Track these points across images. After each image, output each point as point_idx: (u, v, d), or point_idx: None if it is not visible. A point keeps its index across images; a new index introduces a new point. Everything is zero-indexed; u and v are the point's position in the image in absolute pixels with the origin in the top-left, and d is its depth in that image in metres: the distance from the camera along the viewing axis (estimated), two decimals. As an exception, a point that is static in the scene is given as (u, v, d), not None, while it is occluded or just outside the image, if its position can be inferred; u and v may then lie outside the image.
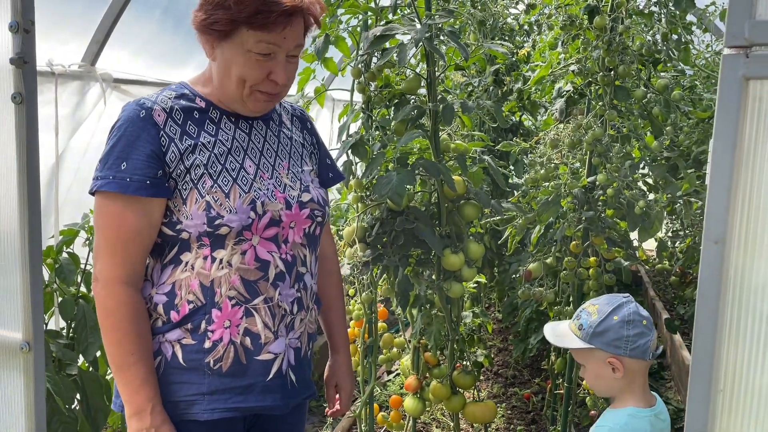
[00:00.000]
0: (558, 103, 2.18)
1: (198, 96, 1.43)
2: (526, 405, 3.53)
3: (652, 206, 1.98)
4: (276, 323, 1.42)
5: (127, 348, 1.32)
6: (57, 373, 2.26)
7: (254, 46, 1.33)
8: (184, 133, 1.37)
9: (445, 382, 2.23)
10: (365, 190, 2.14)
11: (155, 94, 1.42)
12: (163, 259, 1.40)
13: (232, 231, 1.35)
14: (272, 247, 1.41)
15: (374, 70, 2.04)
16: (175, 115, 1.38)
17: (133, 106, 1.36)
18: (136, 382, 1.32)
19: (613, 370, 1.48)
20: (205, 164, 1.36)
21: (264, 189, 1.41)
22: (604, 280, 2.22)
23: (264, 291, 1.39)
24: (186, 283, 1.37)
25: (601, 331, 1.48)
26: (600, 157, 2.04)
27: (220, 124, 1.43)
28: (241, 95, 1.39)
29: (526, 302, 3.32)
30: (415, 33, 1.79)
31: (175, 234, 1.37)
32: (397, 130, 2.04)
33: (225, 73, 1.38)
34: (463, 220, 2.12)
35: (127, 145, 1.32)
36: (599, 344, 1.48)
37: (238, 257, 1.37)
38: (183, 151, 1.35)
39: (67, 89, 2.43)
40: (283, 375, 1.44)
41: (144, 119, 1.34)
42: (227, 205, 1.35)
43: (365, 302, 2.28)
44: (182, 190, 1.35)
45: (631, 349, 1.46)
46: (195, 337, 1.37)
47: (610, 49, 1.93)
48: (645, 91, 2.01)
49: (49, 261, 2.33)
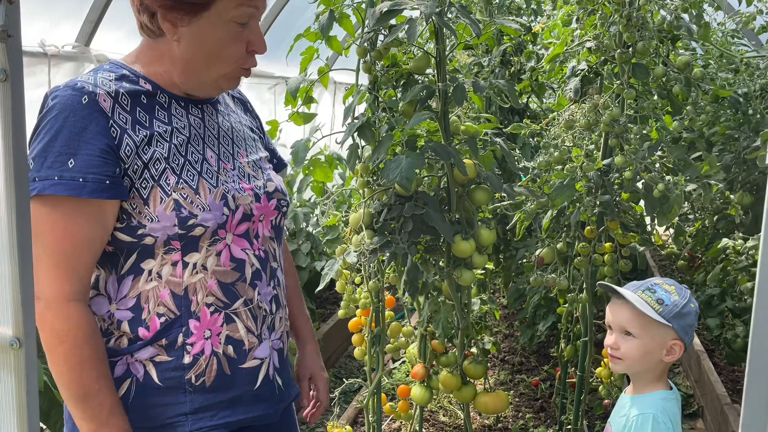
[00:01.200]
0: (572, 83, 2.09)
1: (141, 77, 1.25)
2: (534, 392, 3.48)
3: (672, 189, 1.90)
4: (259, 326, 1.30)
5: (89, 374, 1.15)
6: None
7: (236, 14, 1.17)
8: (136, 121, 1.20)
9: (456, 372, 2.16)
10: (372, 175, 2.06)
11: (90, 75, 1.22)
12: (119, 270, 1.23)
13: (207, 231, 1.21)
14: (245, 244, 1.28)
15: (381, 49, 1.95)
16: (122, 100, 1.20)
17: (68, 92, 1.16)
18: (103, 413, 1.16)
19: (667, 353, 1.46)
20: (165, 157, 1.20)
21: (231, 181, 1.27)
22: (620, 266, 2.15)
23: (243, 293, 1.27)
24: (154, 295, 1.22)
25: (684, 313, 1.45)
26: (617, 139, 1.96)
27: (170, 109, 1.26)
28: (215, 76, 1.23)
29: (533, 288, 3.25)
30: (425, 8, 1.69)
31: (135, 240, 1.20)
32: (406, 112, 1.95)
33: (197, 52, 1.21)
34: (474, 205, 2.05)
35: (71, 138, 1.12)
36: (676, 325, 1.44)
37: (213, 259, 1.23)
38: (138, 144, 1.18)
39: (61, 71, 2.34)
40: (270, 381, 1.33)
41: (88, 106, 1.15)
42: (199, 203, 1.21)
43: (372, 290, 2.21)
44: (141, 188, 1.18)
45: (689, 339, 1.46)
46: (171, 353, 1.22)
47: (630, 24, 1.84)
48: (665, 69, 1.92)
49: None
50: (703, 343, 3.72)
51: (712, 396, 3.19)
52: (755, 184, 3.37)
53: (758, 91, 2.80)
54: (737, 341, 2.87)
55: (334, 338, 3.89)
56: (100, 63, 2.47)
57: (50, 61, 2.26)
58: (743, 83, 2.73)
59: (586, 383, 2.46)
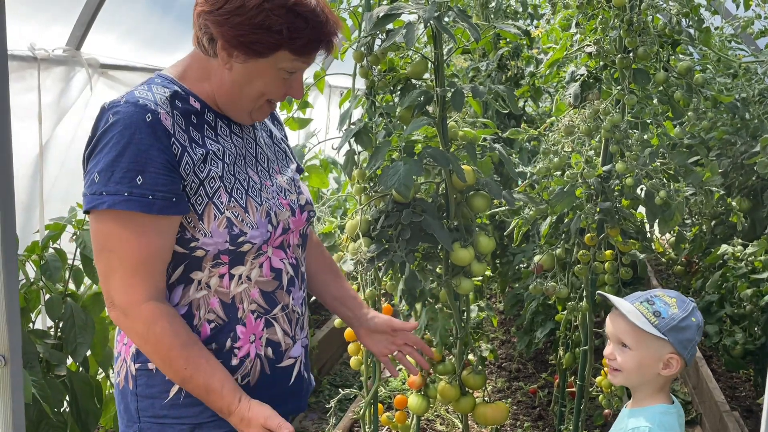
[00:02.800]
0: (572, 88, 2.06)
1: (191, 95, 1.29)
2: (531, 400, 3.44)
3: (673, 196, 1.87)
4: (293, 328, 1.40)
5: (177, 364, 1.23)
6: (45, 375, 2.16)
7: (288, 66, 1.26)
8: (192, 140, 1.25)
9: (454, 382, 2.12)
10: (369, 181, 2.03)
11: (143, 89, 1.24)
12: (169, 278, 1.28)
13: (254, 247, 1.28)
14: (282, 255, 1.37)
15: (378, 54, 1.92)
16: (178, 119, 1.24)
17: (131, 108, 1.18)
18: (201, 392, 1.24)
19: (664, 367, 1.41)
20: (220, 176, 1.26)
21: (272, 198, 1.35)
22: (621, 273, 2.12)
23: (281, 299, 1.36)
24: (204, 302, 1.29)
25: (683, 327, 1.40)
26: (618, 145, 1.93)
27: (216, 128, 1.32)
28: (252, 107, 1.31)
29: (531, 295, 3.22)
30: (424, 12, 1.66)
31: (187, 252, 1.26)
32: (403, 118, 1.92)
33: (244, 85, 1.27)
34: (473, 212, 2.01)
35: (138, 155, 1.16)
36: (673, 339, 1.39)
37: (256, 271, 1.31)
38: (196, 162, 1.23)
39: (51, 75, 2.30)
40: (301, 376, 1.43)
41: (152, 124, 1.18)
42: (248, 221, 1.27)
43: (369, 299, 2.17)
44: (196, 204, 1.24)
45: (690, 354, 1.41)
46: (220, 356, 1.29)
47: (631, 29, 1.81)
48: (666, 74, 1.89)
49: (34, 257, 2.21)
50: (701, 349, 3.70)
51: (711, 403, 3.16)
52: (752, 190, 3.36)
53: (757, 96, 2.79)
54: (736, 348, 2.84)
55: (329, 345, 3.86)
56: (92, 67, 2.43)
57: (40, 65, 2.22)
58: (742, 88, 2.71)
59: (586, 392, 2.43)
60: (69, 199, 2.35)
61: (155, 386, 1.29)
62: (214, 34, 1.23)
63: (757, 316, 2.75)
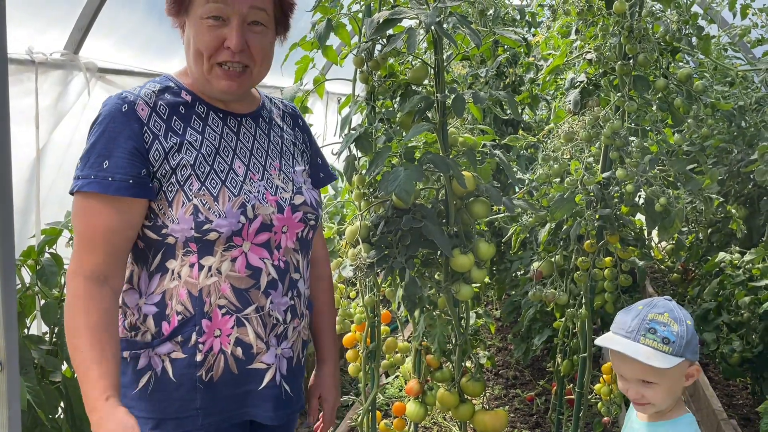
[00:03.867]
0: (572, 94, 2.06)
1: (183, 89, 1.36)
2: (529, 407, 3.43)
3: (673, 203, 1.87)
4: (267, 333, 1.36)
5: (78, 341, 1.23)
6: (39, 381, 2.14)
7: (203, 10, 1.28)
8: (170, 129, 1.30)
9: (453, 389, 2.11)
10: (369, 187, 2.02)
11: (139, 87, 1.34)
12: (149, 266, 1.32)
13: (222, 236, 1.28)
14: (264, 254, 1.34)
15: (378, 59, 1.91)
16: (160, 109, 1.30)
17: (114, 100, 1.29)
18: (80, 373, 1.22)
19: (687, 379, 1.39)
20: (192, 164, 1.29)
21: (255, 191, 1.34)
22: (620, 281, 2.11)
23: (255, 300, 1.33)
24: (175, 293, 1.30)
25: (689, 339, 1.37)
26: (618, 152, 1.93)
27: (207, 120, 1.35)
28: (203, 72, 1.32)
29: (528, 302, 3.21)
30: (426, 17, 1.66)
31: (161, 238, 1.29)
32: (403, 123, 1.92)
33: (187, 50, 1.33)
34: (473, 218, 2.01)
35: (108, 141, 1.25)
36: (689, 355, 1.36)
37: (228, 264, 1.30)
38: (168, 150, 1.28)
39: (49, 79, 2.28)
40: (276, 385, 1.38)
41: (126, 114, 1.27)
42: (216, 209, 1.28)
43: (368, 305, 2.16)
44: (167, 191, 1.28)
45: (698, 354, 1.41)
46: (185, 350, 1.30)
47: (631, 36, 1.82)
48: (666, 81, 1.90)
49: (30, 262, 2.20)
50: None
51: (708, 411, 3.15)
52: (749, 198, 3.37)
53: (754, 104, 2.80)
54: (733, 356, 2.84)
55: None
56: (89, 71, 2.42)
57: (37, 68, 2.21)
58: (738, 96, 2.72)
59: (585, 400, 2.42)
60: (65, 203, 2.33)
61: (127, 375, 1.32)
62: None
63: (754, 324, 2.75)
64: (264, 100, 1.52)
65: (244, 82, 1.35)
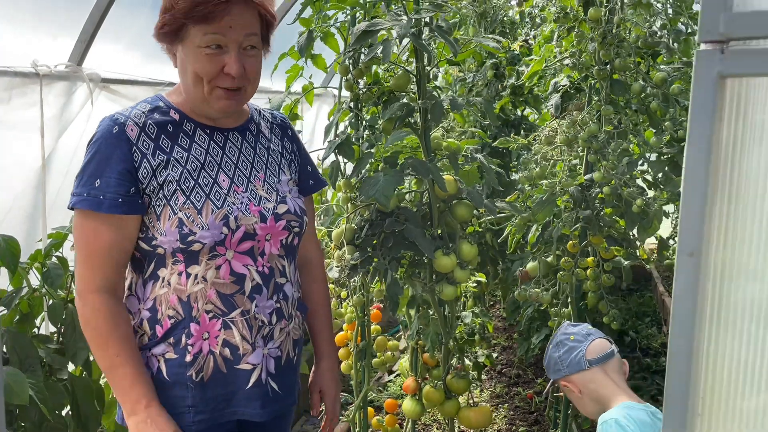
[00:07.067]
0: (553, 99, 2.10)
1: (172, 108, 1.44)
2: (529, 405, 3.47)
3: (651, 204, 1.90)
4: (253, 335, 1.43)
5: (111, 351, 1.33)
6: (47, 379, 2.24)
7: (202, 40, 1.33)
8: (157, 148, 1.38)
9: (439, 386, 2.17)
10: (354, 191, 2.08)
11: (130, 107, 1.42)
12: (144, 274, 1.42)
13: (205, 247, 1.36)
14: (248, 261, 1.42)
15: (361, 67, 1.98)
16: (149, 129, 1.38)
17: (107, 122, 1.37)
18: (125, 382, 1.34)
19: (574, 392, 1.56)
20: (177, 180, 1.37)
21: (238, 203, 1.41)
22: (602, 280, 2.15)
23: (240, 304, 1.41)
24: (165, 299, 1.39)
25: (546, 365, 1.62)
26: (596, 154, 1.97)
27: (194, 137, 1.43)
28: (202, 94, 1.38)
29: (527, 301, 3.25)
30: (400, 28, 1.72)
31: (152, 249, 1.38)
32: (386, 129, 1.98)
33: (183, 75, 1.39)
34: (456, 220, 2.06)
35: (100, 161, 1.33)
36: (551, 375, 1.59)
37: (212, 272, 1.38)
38: (155, 167, 1.36)
39: (53, 90, 2.39)
40: (263, 384, 1.45)
41: (117, 135, 1.35)
42: (199, 222, 1.35)
43: (357, 305, 2.23)
44: (156, 206, 1.36)
45: (566, 366, 1.54)
46: (177, 351, 1.39)
47: (605, 41, 1.86)
48: (643, 85, 1.93)
49: (37, 265, 2.30)
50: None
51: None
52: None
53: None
54: None
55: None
56: (93, 82, 2.53)
57: (42, 80, 2.32)
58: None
59: (574, 397, 2.45)
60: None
61: None
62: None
63: None
64: (253, 113, 1.58)
65: (240, 101, 1.43)
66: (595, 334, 1.57)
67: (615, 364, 1.54)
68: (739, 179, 0.69)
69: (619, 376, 1.54)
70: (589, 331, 1.57)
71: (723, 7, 0.67)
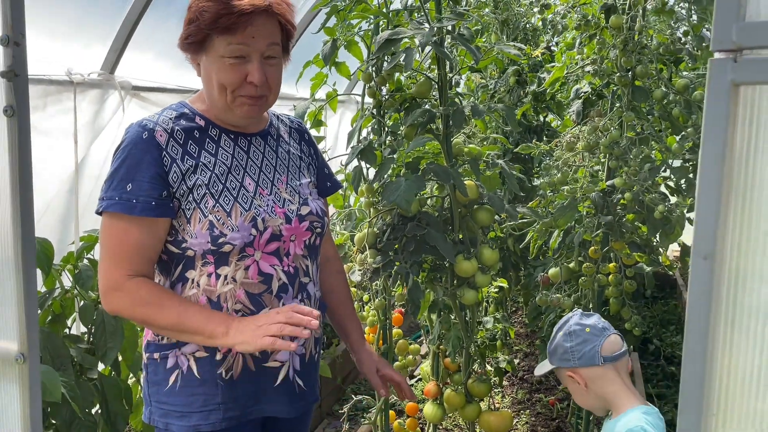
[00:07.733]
0: (575, 105, 2.12)
1: (197, 114, 1.48)
2: (550, 412, 3.46)
3: (673, 210, 1.90)
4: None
5: (171, 308, 1.36)
6: (78, 378, 2.30)
7: (225, 51, 1.37)
8: (186, 153, 1.42)
9: (460, 390, 2.19)
10: (376, 195, 2.12)
11: (157, 114, 1.46)
12: (171, 276, 1.45)
13: (235, 248, 1.40)
14: (274, 261, 1.46)
15: (384, 74, 2.01)
16: (177, 135, 1.42)
17: (136, 128, 1.40)
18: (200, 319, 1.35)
19: (584, 385, 1.53)
20: (206, 184, 1.41)
21: (264, 206, 1.46)
22: (624, 286, 2.15)
23: (268, 303, 1.44)
24: (195, 299, 1.42)
25: (552, 350, 1.56)
26: (617, 161, 1.98)
27: (219, 142, 1.48)
28: (226, 102, 1.42)
29: (550, 307, 3.25)
30: (422, 37, 1.75)
31: (181, 252, 1.42)
32: (408, 135, 2.01)
33: (208, 84, 1.42)
34: (477, 225, 2.08)
35: (131, 166, 1.36)
36: (556, 362, 1.55)
37: (241, 273, 1.42)
38: (185, 172, 1.40)
39: (86, 98, 2.47)
40: (290, 381, 1.50)
41: (147, 141, 1.39)
42: (229, 224, 1.39)
43: (378, 308, 2.25)
44: (186, 209, 1.40)
45: (578, 358, 1.51)
46: (207, 349, 1.43)
47: (627, 48, 1.87)
48: (664, 91, 1.94)
49: (69, 267, 2.37)
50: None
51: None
52: None
53: None
54: None
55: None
56: (124, 89, 2.60)
57: (76, 88, 2.39)
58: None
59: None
60: (102, 212, 2.50)
61: (159, 374, 1.46)
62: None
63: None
64: (271, 119, 1.63)
65: (262, 108, 1.48)
66: (610, 329, 1.54)
67: (625, 362, 1.55)
68: (752, 183, 0.71)
69: (626, 375, 1.54)
70: (604, 325, 1.55)
71: (736, 17, 0.69)
